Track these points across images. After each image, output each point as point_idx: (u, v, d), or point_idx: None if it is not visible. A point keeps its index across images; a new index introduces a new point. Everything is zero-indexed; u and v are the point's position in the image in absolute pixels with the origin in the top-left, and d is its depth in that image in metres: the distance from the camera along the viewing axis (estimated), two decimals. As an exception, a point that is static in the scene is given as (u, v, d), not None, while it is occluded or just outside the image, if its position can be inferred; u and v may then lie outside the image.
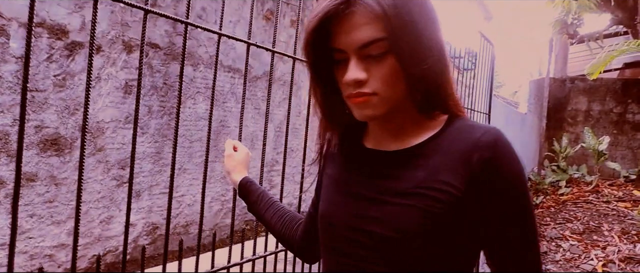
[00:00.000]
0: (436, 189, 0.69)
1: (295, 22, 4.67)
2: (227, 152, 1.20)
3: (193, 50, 3.55)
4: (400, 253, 0.70)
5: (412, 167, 0.73)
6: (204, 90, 3.65)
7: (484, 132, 0.69)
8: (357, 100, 0.71)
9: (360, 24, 0.68)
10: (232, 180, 1.17)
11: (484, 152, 0.68)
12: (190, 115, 3.56)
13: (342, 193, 0.80)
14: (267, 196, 1.11)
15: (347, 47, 0.70)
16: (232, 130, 3.95)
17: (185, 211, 3.63)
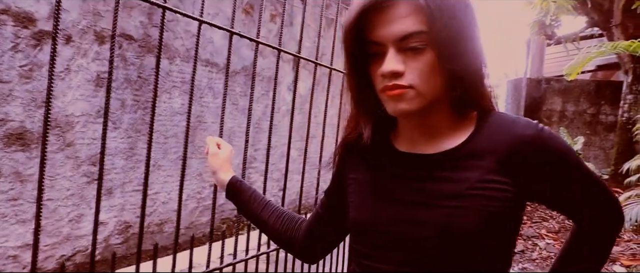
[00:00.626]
0: (491, 188, 0.70)
1: (275, 16, 4.58)
2: (211, 150, 1.14)
3: (169, 43, 3.43)
4: (451, 258, 0.71)
5: (460, 168, 0.73)
6: (180, 85, 3.54)
7: (525, 126, 0.72)
8: (392, 92, 0.70)
9: (401, 16, 0.68)
10: (219, 180, 1.12)
11: (532, 145, 0.71)
12: (166, 110, 3.44)
13: (381, 198, 0.78)
14: (260, 195, 1.07)
15: (385, 39, 0.69)
16: (209, 126, 3.84)
17: (160, 209, 3.51)
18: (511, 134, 0.72)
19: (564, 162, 0.73)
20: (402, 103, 0.71)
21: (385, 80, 0.71)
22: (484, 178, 0.71)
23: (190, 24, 3.56)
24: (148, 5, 3.27)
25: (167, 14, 3.38)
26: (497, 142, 0.73)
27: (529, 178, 0.72)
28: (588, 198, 0.78)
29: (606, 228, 0.82)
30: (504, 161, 0.71)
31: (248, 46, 4.19)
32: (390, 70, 0.69)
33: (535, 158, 0.71)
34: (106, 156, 3.10)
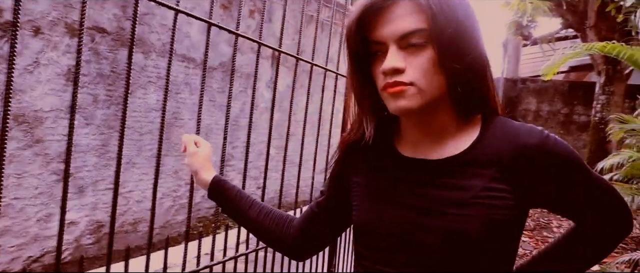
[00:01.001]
0: (495, 197, 0.71)
1: (253, 12, 4.51)
2: (190, 149, 1.09)
3: (144, 37, 3.33)
4: (454, 262, 0.71)
5: (465, 175, 0.73)
6: (155, 80, 3.44)
7: (529, 133, 0.73)
8: (393, 89, 0.70)
9: (402, 14, 0.70)
10: (201, 180, 1.08)
11: (537, 152, 0.71)
12: (141, 106, 3.35)
13: (386, 202, 0.79)
14: (245, 193, 1.05)
15: (386, 37, 0.70)
16: (185, 123, 3.76)
17: (134, 208, 3.41)
18: (515, 142, 0.73)
19: (567, 166, 0.74)
20: (402, 100, 0.71)
21: (386, 77, 0.71)
22: (487, 186, 0.71)
23: (166, 18, 3.47)
24: (122, -3, 3.17)
25: (143, 7, 3.30)
26: (501, 150, 0.73)
27: (532, 184, 0.73)
28: (592, 201, 0.78)
29: (609, 232, 0.82)
30: (507, 169, 0.72)
31: (226, 42, 4.11)
32: (391, 67, 0.69)
33: (539, 164, 0.72)
34: (78, 153, 2.99)
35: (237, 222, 1.05)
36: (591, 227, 0.82)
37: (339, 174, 0.91)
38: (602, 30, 5.68)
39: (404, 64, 0.70)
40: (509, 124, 0.76)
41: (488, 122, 0.77)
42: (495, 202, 0.70)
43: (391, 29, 0.70)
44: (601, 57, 5.67)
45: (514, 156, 0.72)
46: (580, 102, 8.07)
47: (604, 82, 5.84)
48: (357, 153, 0.87)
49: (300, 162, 2.00)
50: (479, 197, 0.71)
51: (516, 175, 0.72)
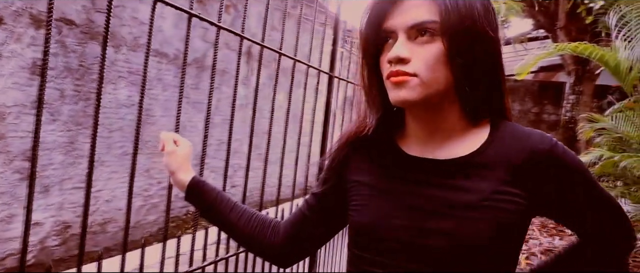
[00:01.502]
0: (504, 200, 0.69)
1: (229, 7, 4.42)
2: (168, 148, 1.01)
3: (115, 30, 3.21)
4: (459, 266, 0.70)
5: (474, 178, 0.72)
6: (126, 75, 3.32)
7: (540, 139, 0.72)
8: (395, 79, 0.69)
9: (416, 5, 0.69)
10: (179, 181, 1.00)
11: (546, 159, 0.71)
12: (111, 102, 3.22)
13: (391, 204, 0.75)
14: (226, 196, 0.98)
15: (397, 26, 0.70)
16: (157, 120, 3.64)
17: (103, 207, 3.28)
18: (526, 147, 0.72)
19: (575, 178, 0.73)
20: (403, 90, 0.69)
21: (391, 66, 0.70)
22: (497, 189, 0.70)
23: (137, 11, 3.35)
24: (91, -12, 3.04)
25: (113, -1, 3.17)
26: (511, 154, 0.72)
27: (540, 191, 0.72)
28: (595, 213, 0.77)
29: (609, 247, 0.80)
30: (517, 173, 0.71)
31: (200, 37, 4.01)
32: (396, 55, 0.68)
33: (547, 172, 0.71)
34: (43, 151, 2.85)
35: (217, 226, 0.99)
36: (591, 241, 0.81)
37: (336, 172, 0.86)
38: (572, 31, 5.80)
39: (410, 54, 0.69)
40: (519, 128, 0.75)
41: (497, 125, 0.75)
42: (504, 206, 0.69)
43: (403, 18, 0.70)
44: (571, 58, 5.79)
45: (524, 160, 0.71)
46: (550, 102, 8.25)
47: (574, 82, 5.97)
48: (358, 151, 0.83)
49: (283, 159, 1.95)
50: (488, 199, 0.69)
51: (526, 179, 0.71)
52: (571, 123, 5.91)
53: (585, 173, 0.74)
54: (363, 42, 0.75)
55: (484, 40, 0.70)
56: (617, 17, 2.70)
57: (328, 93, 1.99)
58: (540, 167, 0.71)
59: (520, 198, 0.70)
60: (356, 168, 0.82)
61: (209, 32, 4.06)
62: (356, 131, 0.81)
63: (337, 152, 0.85)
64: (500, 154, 0.72)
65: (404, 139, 0.80)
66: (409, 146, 0.78)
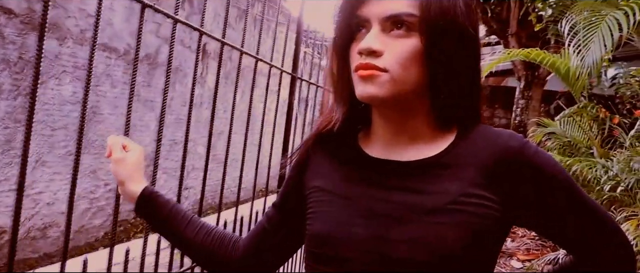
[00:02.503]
0: (474, 204, 0.63)
1: (183, 2, 4.26)
2: (116, 155, 0.88)
3: (60, 22, 3.01)
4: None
5: (440, 180, 0.66)
6: (71, 70, 3.12)
7: (510, 137, 0.67)
8: (364, 72, 0.64)
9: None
10: (128, 192, 0.88)
11: (518, 157, 0.65)
12: (54, 98, 3.02)
13: (351, 210, 0.68)
14: (181, 209, 0.88)
15: (372, 15, 0.65)
16: (105, 118, 3.45)
17: (44, 211, 3.07)
18: (495, 145, 0.66)
19: (552, 181, 0.66)
20: (371, 86, 0.64)
21: (360, 58, 0.64)
22: (466, 191, 0.64)
23: (85, 3, 3.16)
24: (33, -24, 2.84)
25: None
26: (480, 153, 0.66)
27: (514, 195, 0.65)
28: (583, 231, 0.69)
29: (610, 268, 0.71)
30: (487, 174, 0.65)
31: (152, 32, 3.84)
32: (368, 46, 0.63)
33: (520, 173, 0.65)
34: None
35: (170, 241, 0.89)
36: (587, 263, 0.72)
37: (296, 180, 0.79)
38: (523, 37, 5.98)
39: (382, 47, 0.63)
40: (489, 129, 0.70)
41: (467, 127, 0.70)
42: (474, 210, 0.63)
43: (379, 7, 0.64)
44: (521, 63, 5.97)
45: (495, 160, 0.65)
46: (501, 106, 8.50)
47: (524, 87, 6.15)
48: (318, 153, 0.77)
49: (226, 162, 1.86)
50: (457, 202, 0.63)
51: (498, 181, 0.65)
52: (521, 127, 6.10)
53: (563, 175, 0.67)
54: (335, 30, 0.70)
55: (465, 38, 0.65)
56: (568, 26, 2.78)
57: (290, 94, 1.92)
58: (512, 168, 0.65)
59: (492, 202, 0.64)
60: (315, 172, 0.76)
61: (163, 28, 3.90)
62: (321, 126, 0.75)
63: (298, 156, 0.79)
64: (469, 154, 0.67)
65: (367, 140, 0.74)
66: (372, 147, 0.73)
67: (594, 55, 2.45)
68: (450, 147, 0.68)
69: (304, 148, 0.78)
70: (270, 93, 1.85)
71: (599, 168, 2.68)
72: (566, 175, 0.68)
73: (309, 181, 0.76)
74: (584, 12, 2.85)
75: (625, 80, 4.98)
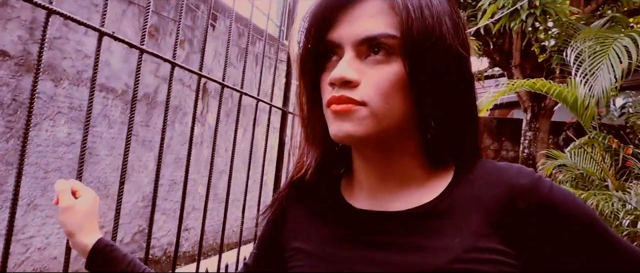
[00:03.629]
0: (483, 261, 0.52)
1: (183, 42, 4.25)
2: (64, 202, 0.77)
3: (55, 63, 2.97)
4: None
5: (440, 232, 0.54)
6: (67, 111, 3.07)
7: (518, 173, 0.55)
8: (338, 107, 0.53)
9: (369, 14, 0.54)
10: (79, 245, 0.77)
11: (529, 198, 0.53)
12: (48, 140, 2.95)
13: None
14: (139, 264, 0.77)
15: (344, 39, 0.55)
16: (102, 159, 3.37)
17: (35, 256, 2.95)
18: (500, 184, 0.55)
19: (574, 225, 0.54)
20: (348, 123, 0.53)
21: (333, 90, 0.54)
22: (472, 245, 0.52)
23: (82, 43, 3.14)
24: (29, 18, 2.82)
25: (55, 31, 2.95)
26: (485, 196, 0.55)
27: (531, 247, 0.53)
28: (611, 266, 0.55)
29: None
30: (495, 222, 0.53)
31: (150, 72, 3.81)
32: (341, 76, 0.53)
33: (534, 217, 0.53)
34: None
35: None
36: None
37: (273, 239, 0.68)
38: (527, 68, 5.93)
39: (358, 76, 0.53)
40: (491, 164, 0.59)
41: (465, 164, 0.59)
42: (484, 268, 0.51)
43: (352, 29, 0.54)
44: (527, 94, 5.89)
45: (501, 202, 0.54)
46: (508, 138, 8.38)
47: (530, 118, 6.05)
48: (296, 208, 0.66)
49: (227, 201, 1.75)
50: (461, 261, 0.52)
51: (509, 229, 0.53)
52: (530, 160, 5.96)
53: (587, 214, 0.55)
54: (301, 57, 0.59)
55: (453, 61, 0.55)
56: (574, 54, 2.71)
57: (281, 130, 1.83)
58: (524, 211, 0.53)
59: (505, 256, 0.52)
60: (294, 231, 0.65)
61: (162, 67, 3.87)
62: (293, 175, 0.63)
63: (271, 211, 0.67)
64: (471, 198, 0.56)
65: (350, 188, 0.63)
66: (357, 197, 0.61)
67: (604, 83, 2.36)
68: (448, 190, 0.57)
69: (277, 202, 0.67)
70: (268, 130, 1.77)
71: (615, 202, 2.54)
72: (590, 214, 0.55)
73: (287, 242, 0.65)
74: (588, 41, 2.78)
75: (635, 109, 4.87)
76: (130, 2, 3.52)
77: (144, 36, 1.18)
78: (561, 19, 4.04)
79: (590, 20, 4.25)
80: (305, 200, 0.65)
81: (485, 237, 0.53)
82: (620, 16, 3.96)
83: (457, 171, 0.59)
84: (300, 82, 0.61)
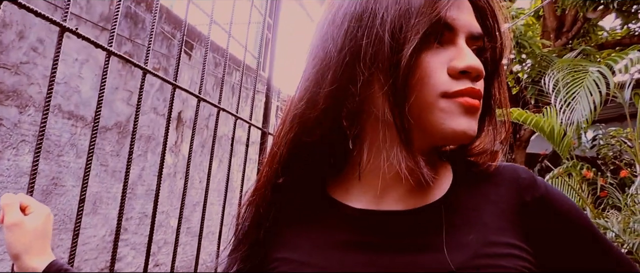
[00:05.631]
0: (502, 255, 0.49)
1: (157, 69, 4.16)
2: (10, 218, 0.67)
3: (21, 89, 2.84)
4: None
5: (453, 229, 0.50)
6: (32, 139, 2.91)
7: (515, 169, 0.57)
8: (473, 102, 0.49)
9: (470, 10, 0.53)
10: (26, 268, 0.66)
11: (533, 191, 0.54)
12: (9, 170, 2.78)
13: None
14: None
15: (460, 24, 0.51)
16: (68, 190, 3.20)
17: (-10, 297, 2.73)
18: (505, 181, 0.55)
19: (572, 218, 0.54)
20: (474, 121, 0.51)
21: (462, 80, 0.50)
22: (489, 240, 0.49)
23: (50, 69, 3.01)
24: (-5, 42, 2.70)
25: (21, 55, 2.83)
26: (491, 192, 0.54)
27: (539, 241, 0.52)
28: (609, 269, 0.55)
29: None
30: (508, 216, 0.52)
31: (123, 100, 3.69)
32: (479, 67, 0.49)
33: (540, 210, 0.53)
34: None
35: None
36: None
37: (250, 251, 0.59)
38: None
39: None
40: (485, 164, 0.58)
41: (456, 162, 0.59)
42: (504, 263, 0.48)
43: (468, 18, 0.52)
44: (501, 126, 5.98)
45: (510, 197, 0.54)
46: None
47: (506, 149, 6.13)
48: (275, 212, 0.58)
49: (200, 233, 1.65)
50: (481, 256, 0.48)
51: (521, 222, 0.52)
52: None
53: (586, 216, 0.56)
54: (405, 27, 0.49)
55: None
56: (552, 83, 2.73)
57: (260, 152, 1.75)
58: (532, 205, 0.53)
59: (521, 251, 0.50)
60: (275, 239, 0.56)
61: (134, 95, 3.75)
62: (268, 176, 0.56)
63: (248, 220, 0.59)
64: (477, 194, 0.54)
65: (342, 188, 0.56)
66: (352, 196, 0.55)
67: (583, 110, 2.37)
68: (453, 187, 0.55)
69: (253, 206, 0.58)
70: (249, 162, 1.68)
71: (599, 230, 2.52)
72: (586, 216, 0.58)
73: (272, 251, 0.56)
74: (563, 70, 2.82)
75: (605, 141, 4.97)
76: (103, 29, 3.43)
77: (113, 38, 1.10)
78: (534, 52, 4.13)
79: (562, 53, 4.37)
80: (286, 202, 0.57)
81: (500, 231, 0.51)
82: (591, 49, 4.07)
83: (454, 168, 0.58)
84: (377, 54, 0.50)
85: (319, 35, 0.54)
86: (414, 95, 0.48)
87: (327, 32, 0.53)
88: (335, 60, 0.50)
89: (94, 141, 1.02)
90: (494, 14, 0.55)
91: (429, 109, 0.49)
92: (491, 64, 0.56)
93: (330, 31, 0.52)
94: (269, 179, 0.57)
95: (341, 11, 0.52)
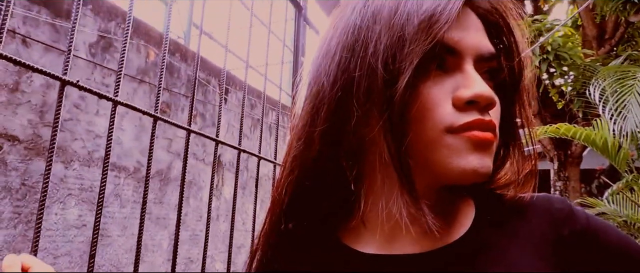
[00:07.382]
0: None
1: (196, 116, 4.25)
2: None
3: (65, 145, 2.94)
4: None
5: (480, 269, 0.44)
6: (77, 192, 2.99)
7: (549, 200, 0.50)
8: (483, 135, 0.43)
9: (478, 27, 0.47)
10: None
11: (571, 224, 0.47)
12: (57, 223, 2.85)
13: None
14: None
15: (466, 47, 0.45)
16: (113, 240, 3.25)
17: None
18: (538, 215, 0.48)
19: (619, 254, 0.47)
20: (488, 157, 0.44)
21: (470, 111, 0.44)
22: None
23: (93, 124, 3.12)
24: (39, 102, 2.83)
25: (65, 112, 2.95)
26: (522, 227, 0.47)
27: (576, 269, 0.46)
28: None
29: None
30: (544, 253, 0.45)
31: (163, 148, 3.77)
32: (490, 95, 0.43)
33: (579, 244, 0.46)
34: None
35: None
36: None
37: None
38: (547, 117, 5.77)
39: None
40: (512, 194, 0.51)
41: (478, 194, 0.52)
42: None
43: (474, 38, 0.46)
44: (551, 143, 5.71)
45: (544, 231, 0.47)
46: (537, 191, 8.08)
47: (558, 167, 5.82)
48: (289, 260, 0.53)
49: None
50: None
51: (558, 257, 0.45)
52: (563, 211, 5.67)
53: (633, 244, 0.48)
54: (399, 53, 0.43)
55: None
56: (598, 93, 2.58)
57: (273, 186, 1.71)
58: (570, 239, 0.47)
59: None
60: None
61: (174, 143, 3.83)
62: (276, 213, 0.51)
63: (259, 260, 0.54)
64: (506, 230, 0.48)
65: (351, 230, 0.51)
66: (361, 240, 0.49)
67: (636, 118, 2.20)
68: (475, 223, 0.48)
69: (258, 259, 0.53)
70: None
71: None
72: (632, 242, 0.49)
73: None
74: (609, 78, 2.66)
75: (668, 150, 4.63)
76: (141, 81, 3.55)
77: (158, 104, 1.12)
78: (576, 63, 3.95)
79: (606, 61, 4.16)
80: (292, 250, 0.52)
81: (536, 269, 0.45)
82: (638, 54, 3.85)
83: (477, 203, 0.51)
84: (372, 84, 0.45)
85: (313, 68, 0.50)
86: (414, 132, 0.43)
87: (320, 64, 0.48)
88: (329, 96, 0.46)
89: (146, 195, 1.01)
90: (510, 28, 0.49)
91: (432, 147, 0.43)
92: (510, 85, 0.49)
93: (323, 63, 0.48)
94: (272, 227, 0.52)
95: (334, 41, 0.48)
